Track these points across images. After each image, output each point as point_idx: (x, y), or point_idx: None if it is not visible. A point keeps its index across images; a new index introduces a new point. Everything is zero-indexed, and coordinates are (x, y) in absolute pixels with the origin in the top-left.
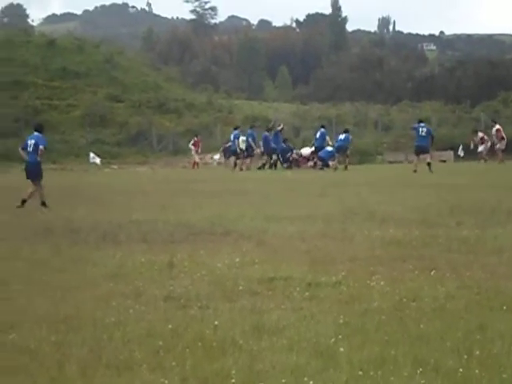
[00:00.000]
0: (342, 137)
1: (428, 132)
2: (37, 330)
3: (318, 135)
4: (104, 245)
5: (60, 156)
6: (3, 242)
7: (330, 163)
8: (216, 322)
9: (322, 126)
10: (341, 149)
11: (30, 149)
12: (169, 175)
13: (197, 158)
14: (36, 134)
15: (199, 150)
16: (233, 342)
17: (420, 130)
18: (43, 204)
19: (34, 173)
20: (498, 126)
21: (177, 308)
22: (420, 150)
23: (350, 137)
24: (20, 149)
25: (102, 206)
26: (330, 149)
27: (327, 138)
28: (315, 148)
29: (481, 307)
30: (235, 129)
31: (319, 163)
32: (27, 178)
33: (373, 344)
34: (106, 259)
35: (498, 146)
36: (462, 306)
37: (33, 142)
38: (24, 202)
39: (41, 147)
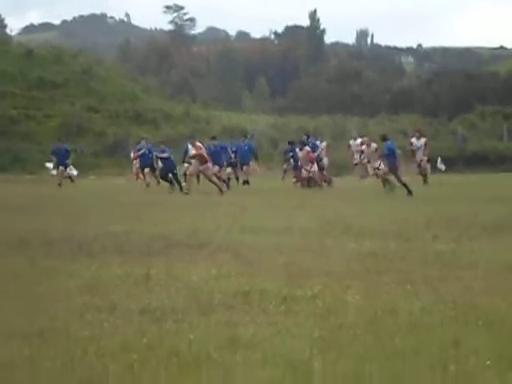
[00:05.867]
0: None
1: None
2: (10, 343)
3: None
4: (79, 257)
5: (37, 166)
6: None
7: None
8: (191, 336)
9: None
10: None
11: None
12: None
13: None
14: None
15: None
16: (207, 357)
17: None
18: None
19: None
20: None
21: (152, 321)
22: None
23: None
24: None
25: (78, 218)
26: None
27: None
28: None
29: (456, 322)
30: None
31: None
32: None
33: (347, 359)
34: (81, 271)
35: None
36: (438, 320)
37: None
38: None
39: None
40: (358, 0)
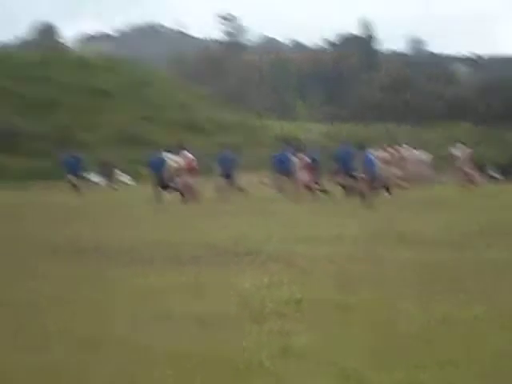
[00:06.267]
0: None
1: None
2: (64, 349)
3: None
4: (131, 264)
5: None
6: (29, 260)
7: None
8: (243, 344)
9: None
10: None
11: None
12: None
13: None
14: None
15: None
16: (260, 365)
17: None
18: None
19: None
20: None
21: (204, 329)
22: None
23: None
24: None
25: (128, 226)
26: None
27: None
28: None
29: (510, 331)
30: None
31: None
32: None
33: (401, 368)
34: (133, 279)
35: None
36: (491, 329)
37: None
38: None
39: None
40: (410, 7)
